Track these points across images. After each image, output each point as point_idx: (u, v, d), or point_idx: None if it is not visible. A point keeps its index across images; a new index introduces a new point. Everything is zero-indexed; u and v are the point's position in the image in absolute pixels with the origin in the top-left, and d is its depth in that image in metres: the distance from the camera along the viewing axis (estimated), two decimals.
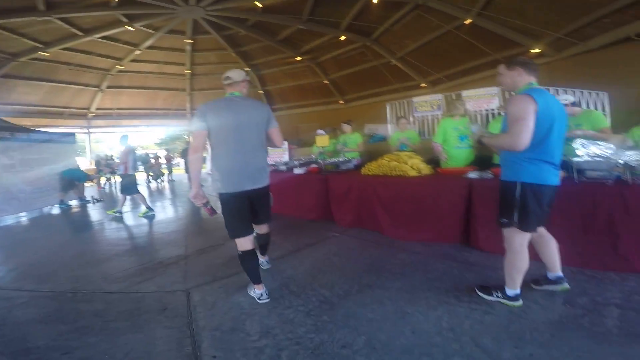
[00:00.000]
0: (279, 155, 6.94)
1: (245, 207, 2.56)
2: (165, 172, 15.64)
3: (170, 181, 15.10)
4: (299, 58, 13.85)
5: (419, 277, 2.85)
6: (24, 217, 7.58)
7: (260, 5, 9.87)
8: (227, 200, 2.52)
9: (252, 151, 2.55)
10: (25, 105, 13.43)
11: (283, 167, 6.27)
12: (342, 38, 11.50)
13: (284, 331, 2.17)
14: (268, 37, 12.58)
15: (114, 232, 5.63)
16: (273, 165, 6.65)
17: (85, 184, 10.10)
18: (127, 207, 7.33)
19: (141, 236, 5.17)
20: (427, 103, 8.83)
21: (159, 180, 14.93)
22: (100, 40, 11.63)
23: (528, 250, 2.25)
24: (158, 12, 10.15)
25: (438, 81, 11.89)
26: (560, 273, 2.44)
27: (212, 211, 2.72)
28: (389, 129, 9.43)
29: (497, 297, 2.34)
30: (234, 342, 2.08)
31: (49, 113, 14.53)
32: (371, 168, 4.70)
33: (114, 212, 6.72)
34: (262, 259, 3.21)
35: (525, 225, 2.17)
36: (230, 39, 13.23)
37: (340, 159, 5.67)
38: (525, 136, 1.97)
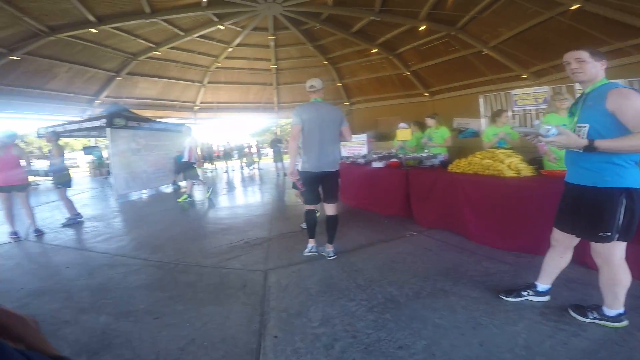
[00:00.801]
0: (358, 147, 6.93)
1: (317, 183, 3.44)
2: (256, 160, 17.12)
3: (259, 169, 16.39)
4: (374, 50, 13.50)
5: (504, 289, 2.56)
6: (145, 194, 9.17)
7: None
8: (307, 176, 3.37)
9: (329, 143, 3.35)
10: (145, 99, 16.04)
11: (361, 160, 6.26)
12: (422, 28, 10.83)
13: (343, 322, 2.23)
14: (342, 29, 12.56)
15: (213, 212, 6.46)
16: (351, 157, 6.75)
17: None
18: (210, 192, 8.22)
19: (234, 217, 5.75)
20: (529, 96, 7.94)
21: (251, 167, 16.43)
22: (198, 39, 13.08)
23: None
24: (241, 11, 10.99)
25: (542, 72, 10.40)
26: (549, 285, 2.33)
27: (302, 186, 3.48)
28: (482, 124, 8.63)
29: (594, 318, 2.05)
30: (295, 326, 2.25)
31: (164, 106, 17.02)
32: (460, 165, 4.32)
33: (184, 199, 7.58)
34: (328, 249, 3.53)
35: (629, 235, 1.88)
36: (307, 33, 13.56)
37: (424, 154, 5.39)
38: None
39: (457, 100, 13.10)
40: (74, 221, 5.70)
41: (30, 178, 6.16)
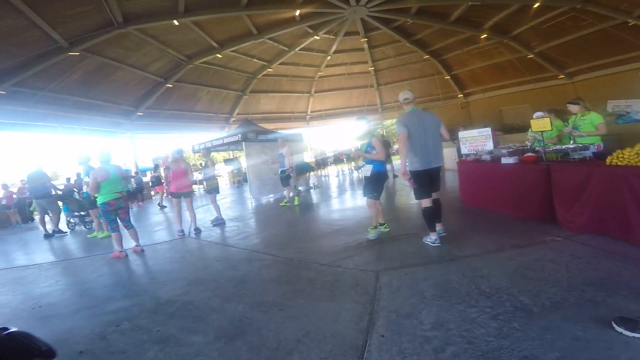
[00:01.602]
0: (481, 143, 6.21)
1: (428, 179, 3.88)
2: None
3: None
4: (484, 35, 12.09)
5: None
6: (271, 198, 10.34)
7: None
8: (419, 174, 3.86)
9: (433, 144, 3.87)
10: (266, 113, 18.21)
11: (487, 157, 5.62)
12: (536, 5, 9.34)
13: (459, 328, 2.14)
14: (438, 20, 11.71)
15: (327, 214, 6.88)
16: (473, 154, 6.16)
17: (311, 174, 12.75)
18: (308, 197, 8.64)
19: (346, 219, 6.00)
20: None
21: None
22: (300, 52, 14.20)
23: None
24: (330, 19, 11.46)
25: None
26: None
27: (414, 183, 3.91)
28: None
29: None
30: (404, 327, 2.25)
31: (282, 118, 18.97)
32: (625, 156, 3.44)
33: (285, 203, 8.21)
34: (438, 227, 4.03)
35: None
36: (400, 30, 13.13)
37: (570, 146, 4.45)
38: None
39: (606, 79, 10.85)
40: (222, 221, 6.84)
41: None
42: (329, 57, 15.34)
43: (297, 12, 10.38)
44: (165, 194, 11.50)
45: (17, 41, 8.21)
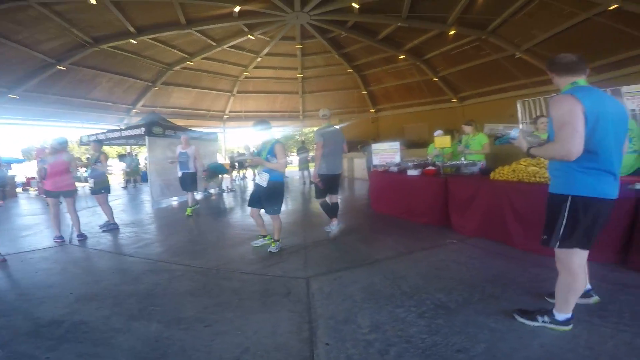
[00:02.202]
0: (390, 155, 6.79)
1: (330, 182, 4.70)
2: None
3: (285, 177, 16.49)
4: (402, 56, 13.38)
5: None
6: (176, 201, 9.38)
7: (357, 6, 9.87)
8: (324, 177, 4.62)
9: (337, 155, 4.75)
10: (179, 108, 16.74)
11: (394, 168, 6.15)
12: (451, 33, 10.65)
13: (394, 328, 2.21)
14: (368, 37, 12.55)
15: (245, 218, 6.50)
16: (383, 165, 6.64)
17: (224, 177, 11.98)
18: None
19: (267, 224, 5.70)
20: None
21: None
22: (229, 49, 13.53)
23: None
24: (271, 20, 11.27)
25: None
26: (589, 286, 2.37)
27: (323, 185, 4.62)
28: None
29: (544, 322, 2.14)
30: (345, 333, 2.21)
31: (196, 115, 17.67)
32: (503, 173, 4.18)
33: (190, 212, 6.93)
34: (335, 221, 4.72)
35: (582, 243, 1.98)
36: (333, 41, 13.67)
37: (463, 162, 5.25)
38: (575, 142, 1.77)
39: (488, 105, 12.78)
40: (114, 227, 5.86)
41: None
42: (259, 59, 14.93)
43: (237, 9, 9.76)
44: (38, 193, 9.37)
45: None
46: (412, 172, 5.52)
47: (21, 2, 7.66)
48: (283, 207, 7.86)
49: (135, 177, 15.25)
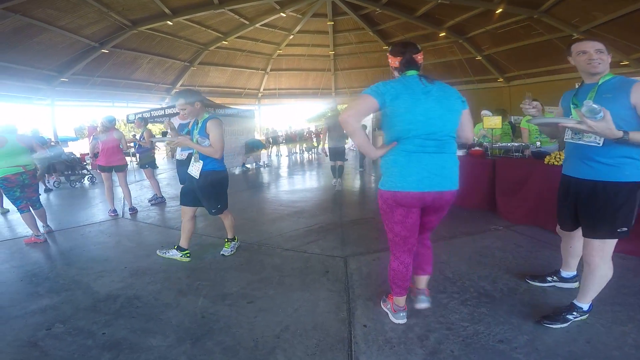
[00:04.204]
0: None
1: (334, 153, 6.71)
2: (315, 144, 17.31)
3: (318, 153, 16.49)
4: (442, 34, 12.61)
5: (609, 290, 2.26)
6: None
7: None
8: (330, 150, 6.72)
9: (340, 135, 6.60)
10: (215, 87, 17.09)
11: None
12: (498, 11, 9.86)
13: (435, 314, 2.16)
14: (405, 13, 11.92)
15: (283, 194, 6.65)
16: None
17: (261, 152, 12.30)
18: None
19: (304, 201, 5.85)
20: None
21: (310, 152, 16.63)
22: (262, 27, 13.48)
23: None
24: None
25: None
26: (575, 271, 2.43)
27: (330, 154, 6.56)
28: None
29: (575, 318, 2.02)
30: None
31: (232, 93, 17.98)
32: (561, 158, 3.70)
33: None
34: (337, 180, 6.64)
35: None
36: (367, 18, 13.15)
37: (515, 143, 4.82)
38: None
39: (539, 86, 11.85)
40: (161, 200, 6.17)
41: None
42: (291, 36, 14.82)
43: None
44: (91, 168, 10.13)
45: None
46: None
47: None
48: (315, 183, 8.04)
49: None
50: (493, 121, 5.14)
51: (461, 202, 4.88)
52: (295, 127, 18.08)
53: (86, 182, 9.26)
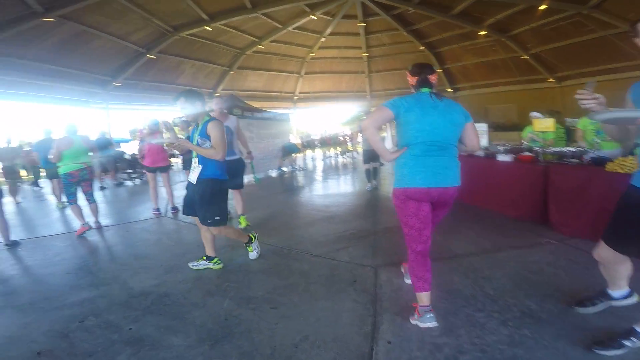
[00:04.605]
0: None
1: (369, 155, 6.82)
2: (350, 148, 17.08)
3: (353, 157, 16.25)
4: (482, 32, 11.98)
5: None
6: (259, 177, 9.90)
7: None
8: (365, 152, 6.90)
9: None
10: (254, 91, 17.55)
11: (481, 152, 5.50)
12: (542, 7, 9.21)
13: (469, 334, 1.99)
14: (441, 12, 11.42)
15: (316, 198, 6.63)
16: (466, 149, 6.09)
17: (296, 155, 12.45)
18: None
19: (337, 205, 5.73)
20: None
21: (345, 155, 16.45)
22: (294, 30, 13.67)
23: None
24: None
25: None
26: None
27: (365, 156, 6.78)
28: None
29: (633, 344, 1.74)
30: (412, 332, 2.05)
31: (270, 97, 18.36)
32: (626, 164, 3.33)
33: None
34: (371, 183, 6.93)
35: None
36: (400, 18, 12.79)
37: (572, 148, 4.40)
38: None
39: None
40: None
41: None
42: (323, 39, 14.91)
43: None
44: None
45: None
46: (503, 158, 4.84)
47: None
48: (349, 188, 7.91)
49: None
50: (545, 124, 4.74)
51: (506, 211, 4.61)
52: (329, 130, 18.03)
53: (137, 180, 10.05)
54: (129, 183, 10.33)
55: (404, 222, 2.17)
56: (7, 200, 6.67)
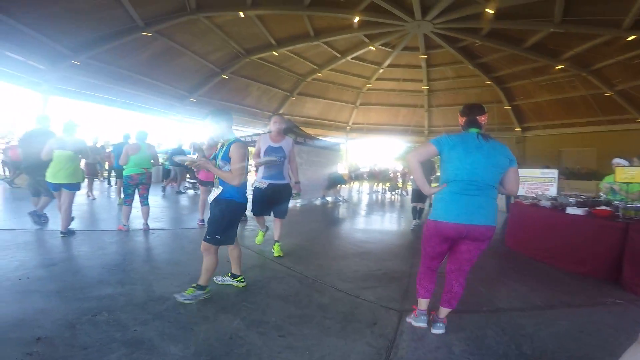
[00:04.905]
0: (543, 186, 5.55)
1: (417, 194, 6.82)
2: (400, 185, 16.53)
3: (403, 195, 15.72)
4: (559, 67, 11.00)
5: None
6: (298, 204, 9.98)
7: (492, 12, 8.50)
8: (414, 191, 7.10)
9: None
10: (309, 118, 18.10)
11: (546, 203, 5.02)
12: (630, 39, 8.30)
13: None
14: (511, 45, 10.76)
15: (353, 232, 6.41)
16: (532, 197, 5.57)
17: (341, 187, 12.33)
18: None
19: (374, 242, 5.48)
20: None
21: (393, 192, 15.94)
22: (352, 61, 13.92)
23: None
24: (390, 31, 10.98)
25: None
26: None
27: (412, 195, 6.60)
28: None
29: None
30: None
31: (324, 125, 18.75)
32: None
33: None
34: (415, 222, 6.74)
35: None
36: (465, 50, 12.29)
37: None
38: None
39: None
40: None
41: None
42: (381, 70, 14.93)
43: (356, 19, 10.11)
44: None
45: (100, 16, 8.73)
46: (573, 211, 4.36)
47: (192, 15, 9.62)
48: (391, 226, 7.57)
49: None
50: (630, 173, 4.16)
51: (568, 266, 4.11)
52: (380, 164, 17.73)
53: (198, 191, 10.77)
54: (190, 192, 11.13)
55: (423, 246, 2.46)
56: (82, 193, 7.51)
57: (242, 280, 3.14)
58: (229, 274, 3.18)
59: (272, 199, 4.10)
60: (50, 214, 5.17)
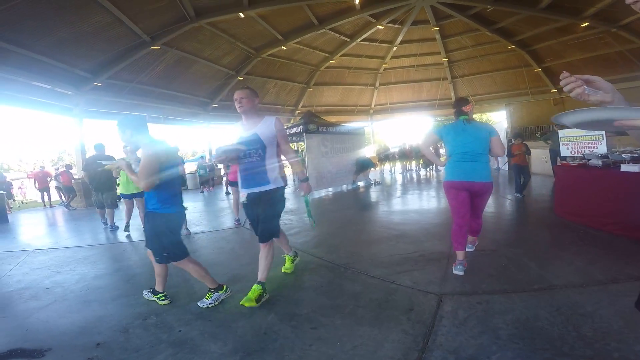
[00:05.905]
0: (590, 144, 5.09)
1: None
2: None
3: (437, 171, 15.21)
4: (584, 24, 10.15)
5: None
6: (328, 192, 10.03)
7: None
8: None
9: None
10: (330, 106, 18.05)
11: (596, 162, 4.62)
12: None
13: None
14: (525, 7, 10.02)
15: (387, 215, 6.30)
16: (579, 158, 5.18)
17: (371, 170, 12.21)
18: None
19: (409, 223, 5.32)
20: None
21: (428, 169, 15.48)
22: (363, 43, 13.64)
23: None
24: (395, 7, 10.63)
25: None
26: None
27: None
28: None
29: None
30: None
31: (345, 111, 18.63)
32: None
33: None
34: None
35: None
36: (478, 17, 11.58)
37: None
38: None
39: None
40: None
41: None
42: (394, 48, 14.57)
43: (357, 1, 9.82)
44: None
45: (106, 37, 9.11)
46: (629, 168, 3.97)
47: (193, 23, 9.79)
48: (428, 204, 7.44)
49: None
50: None
51: (629, 233, 3.72)
52: (410, 142, 17.19)
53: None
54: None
55: (450, 204, 3.23)
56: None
57: (164, 298, 2.80)
58: (151, 289, 2.90)
59: (256, 216, 2.85)
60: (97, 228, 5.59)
